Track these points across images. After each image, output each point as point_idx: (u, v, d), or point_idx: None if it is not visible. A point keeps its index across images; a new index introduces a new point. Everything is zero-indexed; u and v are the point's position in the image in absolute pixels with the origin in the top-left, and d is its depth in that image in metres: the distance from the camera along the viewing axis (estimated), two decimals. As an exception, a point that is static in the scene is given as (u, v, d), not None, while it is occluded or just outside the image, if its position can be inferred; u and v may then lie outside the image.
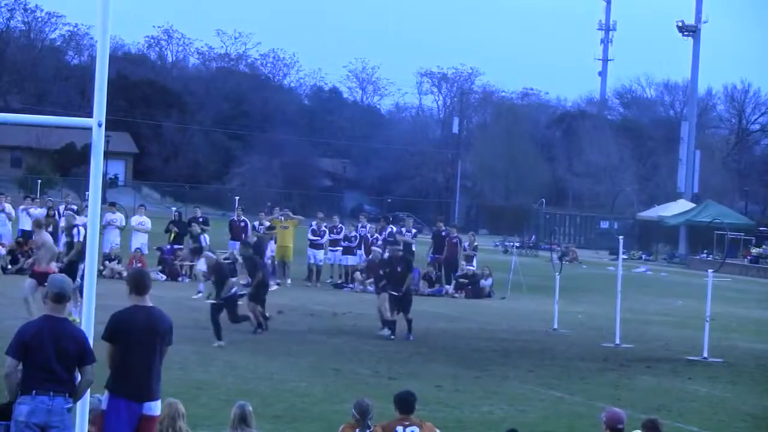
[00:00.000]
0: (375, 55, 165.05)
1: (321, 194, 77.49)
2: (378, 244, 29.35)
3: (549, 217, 70.42)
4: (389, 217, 43.06)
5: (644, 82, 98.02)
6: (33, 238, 21.68)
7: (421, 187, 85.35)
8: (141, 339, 8.93)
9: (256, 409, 10.19)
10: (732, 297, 33.54)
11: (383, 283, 22.05)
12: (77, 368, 8.47)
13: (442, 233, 32.84)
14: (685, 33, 66.47)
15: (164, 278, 29.37)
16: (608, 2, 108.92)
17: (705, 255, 53.49)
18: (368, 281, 29.09)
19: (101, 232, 24.78)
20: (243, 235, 31.13)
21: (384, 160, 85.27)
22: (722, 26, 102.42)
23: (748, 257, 50.93)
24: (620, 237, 25.27)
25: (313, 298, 27.73)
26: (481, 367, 18.25)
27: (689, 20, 66.25)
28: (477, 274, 31.64)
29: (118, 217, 30.45)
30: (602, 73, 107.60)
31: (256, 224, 31.66)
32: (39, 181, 48.77)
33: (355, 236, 32.19)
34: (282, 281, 30.07)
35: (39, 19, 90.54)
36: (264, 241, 29.33)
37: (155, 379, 9.05)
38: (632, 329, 23.78)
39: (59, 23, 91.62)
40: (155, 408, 9.06)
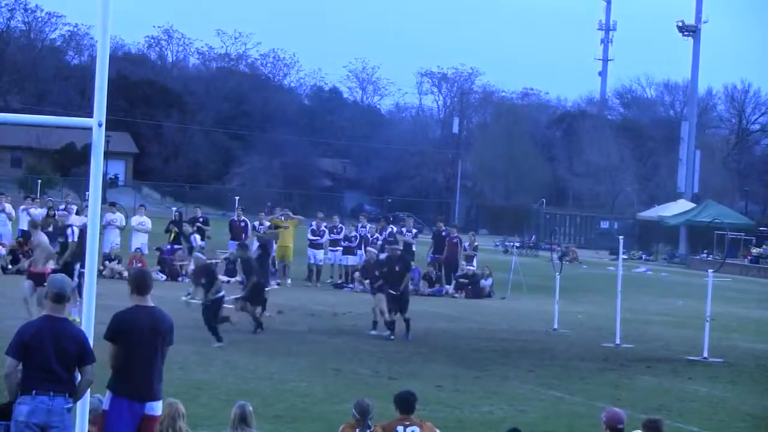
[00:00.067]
0: (375, 55, 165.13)
1: (321, 194, 77.42)
2: (378, 245, 29.36)
3: (549, 217, 70.39)
4: (389, 217, 43.02)
5: (644, 82, 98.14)
6: (30, 239, 21.71)
7: (422, 187, 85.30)
8: (143, 339, 8.93)
9: (257, 409, 10.19)
10: (732, 297, 33.54)
11: (378, 284, 22.04)
12: (77, 368, 8.46)
13: (443, 233, 32.84)
14: (685, 33, 66.46)
15: (164, 278, 29.38)
16: (608, 2, 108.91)
17: (705, 255, 53.49)
18: (365, 281, 29.04)
19: (101, 232, 24.78)
20: (243, 235, 31.16)
21: (384, 160, 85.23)
22: (722, 26, 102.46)
23: (749, 257, 50.93)
24: (620, 237, 25.28)
25: (313, 298, 27.73)
26: (482, 367, 18.25)
27: (689, 20, 66.25)
28: (477, 274, 31.64)
29: (118, 217, 30.49)
30: (602, 73, 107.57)
31: (257, 224, 31.67)
32: (39, 181, 48.71)
33: (356, 236, 32.18)
34: (282, 281, 30.06)
35: (39, 19, 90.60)
36: (270, 241, 29.30)
37: (157, 379, 9.05)
38: (632, 329, 23.77)
39: (59, 23, 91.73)
40: (157, 408, 9.06)
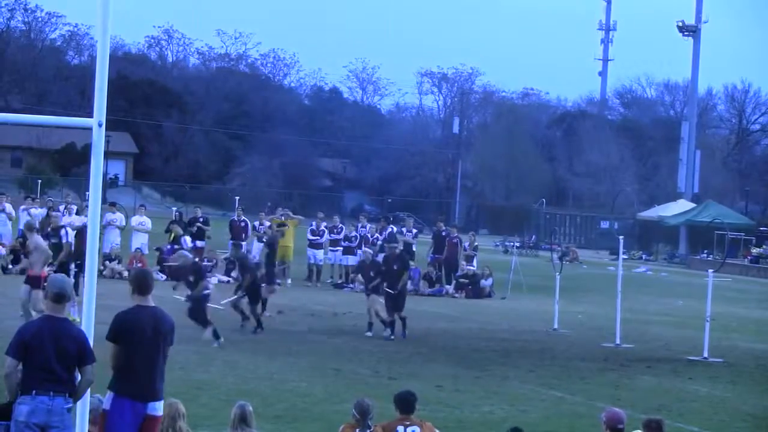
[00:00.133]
0: (375, 55, 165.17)
1: (321, 194, 77.41)
2: (378, 245, 29.34)
3: (549, 217, 70.39)
4: (389, 217, 43.04)
5: (644, 82, 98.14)
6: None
7: (422, 187, 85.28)
8: (145, 339, 8.92)
9: (257, 409, 10.19)
10: (732, 297, 33.53)
11: (373, 285, 22.02)
12: (77, 368, 8.45)
13: (443, 233, 32.83)
14: (686, 33, 66.44)
15: (164, 278, 29.36)
16: (608, 2, 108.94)
17: (705, 255, 53.48)
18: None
19: (101, 232, 24.78)
20: (243, 235, 31.17)
21: (384, 160, 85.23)
22: (722, 26, 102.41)
23: (749, 257, 50.91)
24: (620, 237, 25.28)
25: (314, 298, 27.74)
26: (482, 367, 18.25)
27: (689, 20, 66.22)
28: (477, 274, 31.64)
29: (119, 217, 30.50)
30: (602, 73, 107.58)
31: (257, 224, 31.67)
32: (39, 181, 48.74)
33: (356, 236, 32.17)
34: (282, 281, 30.04)
35: (39, 19, 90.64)
36: (276, 239, 29.23)
37: (159, 379, 9.03)
38: (632, 329, 23.77)
39: (59, 23, 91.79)
40: (159, 408, 9.04)
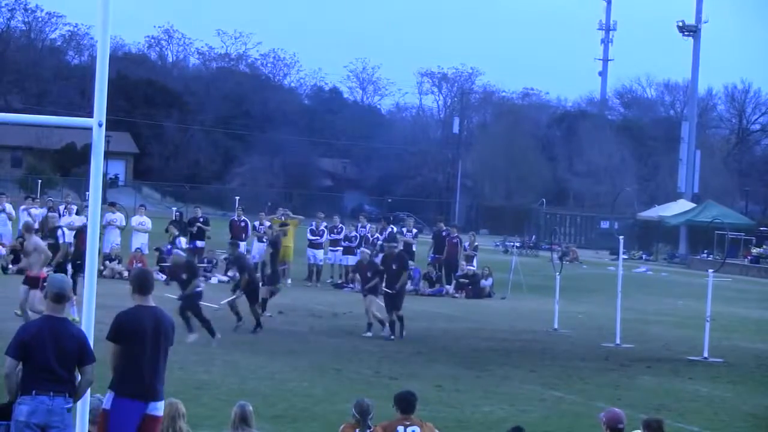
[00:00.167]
0: (375, 55, 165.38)
1: (321, 194, 77.40)
2: (378, 245, 29.32)
3: (549, 217, 70.40)
4: (390, 217, 43.05)
5: (644, 82, 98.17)
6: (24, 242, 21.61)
7: (422, 187, 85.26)
8: (146, 339, 8.92)
9: (257, 409, 10.20)
10: (732, 297, 33.52)
11: (369, 286, 21.97)
12: (77, 368, 8.46)
13: (443, 233, 32.82)
14: (686, 33, 66.41)
15: (164, 278, 29.34)
16: (608, 2, 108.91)
17: (705, 255, 53.48)
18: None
19: (101, 232, 24.77)
20: (243, 235, 31.17)
21: (384, 160, 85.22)
22: (722, 26, 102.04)
23: (749, 257, 50.89)
24: (621, 237, 25.26)
25: (314, 298, 27.74)
26: (482, 367, 18.25)
27: (689, 20, 66.19)
28: (477, 274, 31.64)
29: (119, 217, 30.50)
30: (602, 73, 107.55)
31: (257, 224, 31.67)
32: (39, 181, 48.73)
33: (356, 236, 32.17)
34: (282, 281, 30.02)
35: (39, 19, 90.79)
36: (279, 239, 29.22)
37: (160, 380, 9.03)
38: (632, 329, 23.77)
39: (59, 23, 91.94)
40: (159, 408, 9.04)
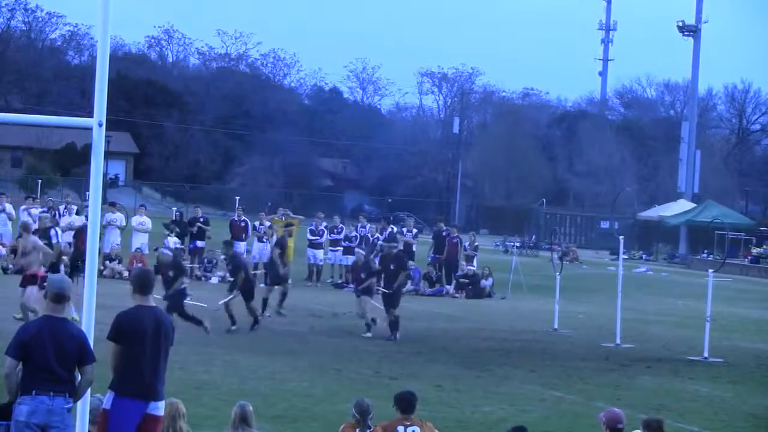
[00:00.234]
0: (375, 55, 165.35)
1: (321, 194, 77.40)
2: (378, 245, 29.31)
3: (549, 217, 70.40)
4: (390, 217, 43.05)
5: (644, 82, 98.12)
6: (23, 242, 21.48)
7: (422, 187, 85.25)
8: (147, 339, 8.92)
9: (257, 409, 10.20)
10: (732, 297, 33.51)
11: (363, 286, 21.95)
12: (77, 368, 8.45)
13: (443, 233, 32.82)
14: (686, 33, 66.38)
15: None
16: (608, 2, 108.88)
17: (705, 255, 53.47)
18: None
19: (102, 232, 24.77)
20: (243, 235, 31.17)
21: (384, 160, 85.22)
22: (722, 26, 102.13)
23: (749, 257, 50.88)
24: (621, 237, 25.25)
25: (314, 298, 27.73)
26: (482, 367, 18.25)
27: (689, 20, 66.16)
28: (477, 274, 31.64)
29: (119, 217, 30.50)
30: (603, 73, 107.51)
31: (257, 224, 31.66)
32: (39, 181, 48.66)
33: (356, 236, 32.18)
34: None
35: (39, 19, 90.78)
36: (285, 239, 29.19)
37: (160, 380, 9.04)
38: (632, 329, 23.75)
39: (59, 23, 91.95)
40: (160, 408, 9.04)
